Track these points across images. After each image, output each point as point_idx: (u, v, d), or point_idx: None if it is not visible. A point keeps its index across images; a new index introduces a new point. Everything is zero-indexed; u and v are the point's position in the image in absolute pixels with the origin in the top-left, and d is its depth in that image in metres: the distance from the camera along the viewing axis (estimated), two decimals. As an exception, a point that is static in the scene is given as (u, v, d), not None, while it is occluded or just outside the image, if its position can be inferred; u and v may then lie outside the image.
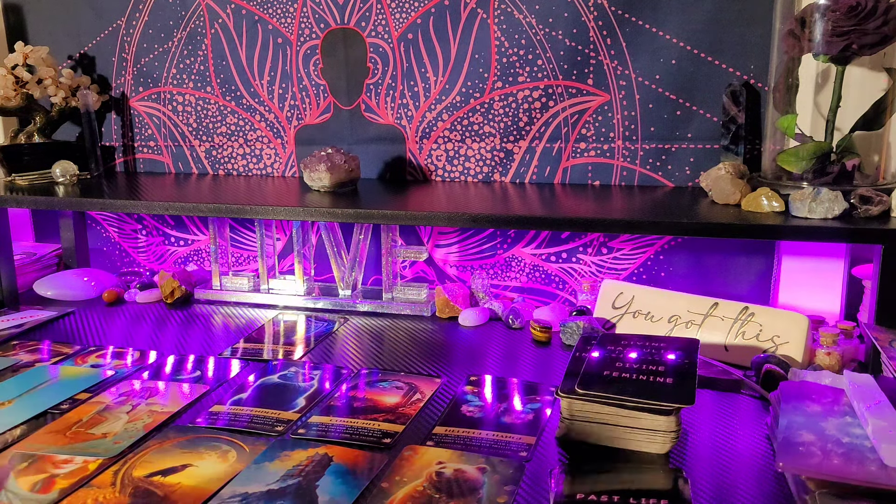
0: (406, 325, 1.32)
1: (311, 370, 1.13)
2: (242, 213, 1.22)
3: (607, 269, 1.35)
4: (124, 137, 1.62)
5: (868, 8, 0.99)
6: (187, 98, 1.54)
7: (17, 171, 1.52)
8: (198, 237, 1.63)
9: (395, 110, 1.40)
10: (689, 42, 1.21)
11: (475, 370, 1.12)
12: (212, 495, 0.79)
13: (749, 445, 0.88)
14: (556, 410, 0.94)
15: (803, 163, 1.07)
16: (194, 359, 1.18)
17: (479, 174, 1.39)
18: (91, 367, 1.15)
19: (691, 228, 1.04)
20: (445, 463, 0.84)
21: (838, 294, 1.22)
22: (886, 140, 1.09)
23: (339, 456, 0.87)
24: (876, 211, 0.98)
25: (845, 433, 0.77)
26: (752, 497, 0.77)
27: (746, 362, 1.08)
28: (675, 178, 1.27)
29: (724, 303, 1.16)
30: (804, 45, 1.05)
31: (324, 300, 1.42)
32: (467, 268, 1.44)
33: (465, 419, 0.95)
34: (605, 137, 1.29)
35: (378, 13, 1.37)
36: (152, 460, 0.86)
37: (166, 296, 1.47)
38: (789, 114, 1.10)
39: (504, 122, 1.34)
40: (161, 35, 1.52)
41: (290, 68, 1.45)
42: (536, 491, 0.79)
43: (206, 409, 1.00)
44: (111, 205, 1.34)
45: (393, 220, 1.19)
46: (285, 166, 1.52)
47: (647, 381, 0.85)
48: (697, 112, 1.24)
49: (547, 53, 1.28)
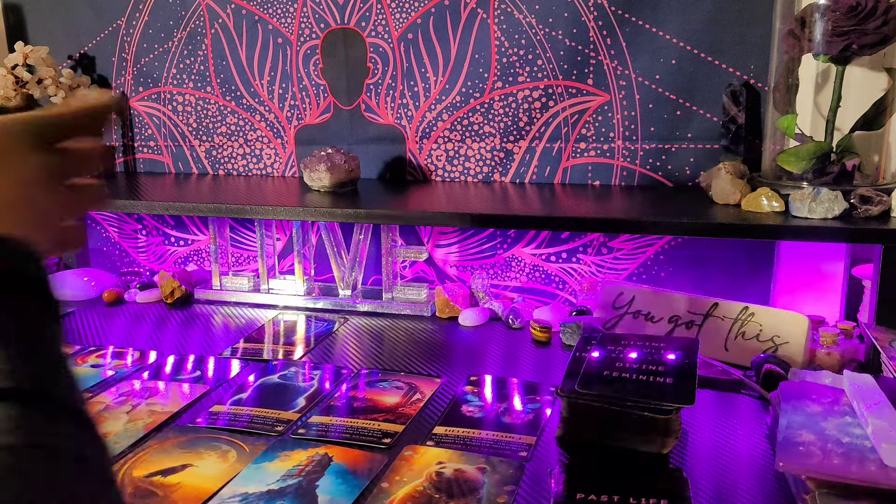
0: (406, 325, 1.32)
1: (311, 370, 1.13)
2: (242, 213, 1.22)
3: (607, 269, 1.35)
4: (124, 137, 1.62)
5: (868, 8, 0.98)
6: (187, 98, 1.54)
7: (17, 171, 1.52)
8: (198, 237, 1.63)
9: (395, 110, 1.40)
10: (689, 42, 1.21)
11: (475, 370, 1.12)
12: (212, 495, 0.79)
13: (749, 445, 0.88)
14: (556, 410, 0.94)
15: (803, 163, 1.07)
16: (194, 359, 1.18)
17: (479, 174, 1.39)
18: (91, 367, 1.15)
19: (691, 228, 1.04)
20: (445, 463, 0.84)
21: (838, 294, 1.23)
22: (886, 140, 1.09)
23: (339, 456, 0.87)
24: (876, 211, 0.98)
25: (845, 433, 0.77)
26: (752, 497, 0.77)
27: (746, 362, 1.08)
28: (675, 178, 1.27)
29: (724, 303, 1.16)
30: (804, 45, 1.05)
31: (324, 300, 1.42)
32: (467, 268, 1.44)
33: (465, 419, 0.96)
34: (605, 137, 1.29)
35: (378, 13, 1.37)
36: (152, 460, 0.87)
37: (166, 296, 1.47)
38: (789, 114, 1.10)
39: (504, 122, 1.34)
40: (161, 35, 1.52)
41: (290, 68, 1.45)
42: (536, 491, 0.79)
43: (206, 409, 1.00)
44: (111, 205, 1.34)
45: (393, 220, 1.19)
46: (285, 166, 1.52)
47: (647, 381, 0.85)
48: (697, 112, 1.23)
49: (547, 53, 1.28)
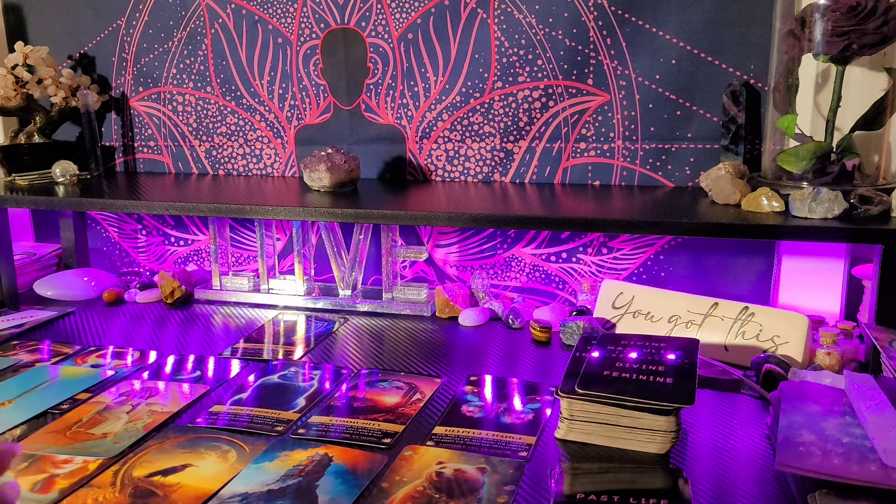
0: (406, 325, 1.32)
1: (311, 370, 1.13)
2: (242, 213, 1.22)
3: (607, 269, 1.35)
4: (124, 137, 1.62)
5: (868, 8, 0.99)
6: (187, 98, 1.54)
7: (17, 171, 1.52)
8: (198, 237, 1.63)
9: (395, 110, 1.40)
10: (689, 42, 1.21)
11: (475, 370, 1.12)
12: (212, 495, 0.79)
13: (749, 445, 0.88)
14: (556, 410, 0.94)
15: (803, 163, 1.07)
16: (194, 359, 1.18)
17: (479, 174, 1.39)
18: (91, 367, 1.15)
19: (691, 228, 1.04)
20: (445, 463, 0.84)
21: (838, 294, 1.22)
22: (886, 140, 1.09)
23: (339, 456, 0.87)
24: (876, 211, 0.98)
25: (845, 433, 0.77)
26: (752, 497, 0.77)
27: (746, 362, 1.08)
28: (675, 178, 1.27)
29: (724, 303, 1.16)
30: (804, 45, 1.05)
31: (324, 300, 1.42)
32: (467, 268, 1.44)
33: (465, 419, 0.95)
34: (605, 137, 1.29)
35: (378, 13, 1.37)
36: (152, 460, 0.87)
37: (166, 296, 1.47)
38: (789, 114, 1.10)
39: (504, 122, 1.34)
40: (161, 35, 1.52)
41: (290, 68, 1.45)
42: (536, 491, 0.79)
43: (206, 409, 1.00)
44: (111, 205, 1.34)
45: (393, 220, 1.18)
46: (285, 166, 1.52)
47: (647, 381, 0.85)
48: (697, 112, 1.24)
49: (547, 53, 1.28)
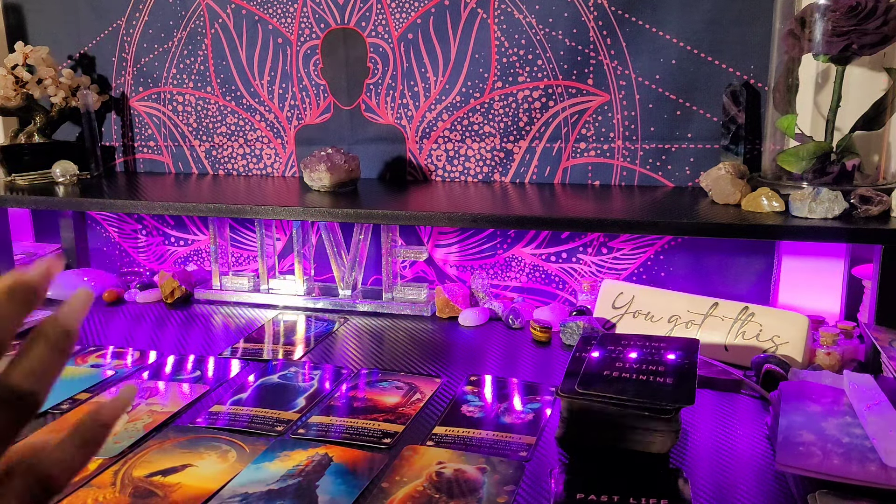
0: (406, 325, 1.32)
1: (311, 370, 1.13)
2: (242, 213, 1.22)
3: (607, 269, 1.35)
4: (124, 137, 1.62)
5: (868, 8, 0.99)
6: (187, 98, 1.54)
7: (17, 171, 1.52)
8: (198, 237, 1.63)
9: (395, 110, 1.40)
10: (689, 42, 1.21)
11: (475, 370, 1.12)
12: (212, 495, 0.79)
13: (749, 445, 0.88)
14: (556, 410, 0.94)
15: (803, 163, 1.07)
16: (194, 359, 1.18)
17: (479, 174, 1.39)
18: (91, 367, 1.15)
19: (691, 228, 1.04)
20: (445, 463, 0.84)
21: (838, 294, 1.22)
22: (886, 140, 1.09)
23: (339, 456, 0.87)
24: (876, 211, 0.98)
25: (845, 433, 0.77)
26: (752, 497, 0.77)
27: (746, 362, 1.08)
28: (675, 178, 1.27)
29: (724, 303, 1.16)
30: (804, 45, 1.05)
31: (324, 300, 1.42)
32: (467, 268, 1.44)
33: (465, 419, 0.95)
34: (605, 137, 1.29)
35: (378, 13, 1.37)
36: (152, 460, 0.87)
37: (166, 296, 1.47)
38: (789, 114, 1.10)
39: (504, 122, 1.34)
40: (161, 35, 1.52)
41: (290, 68, 1.45)
42: (536, 491, 0.79)
43: (206, 409, 1.00)
44: (111, 205, 1.34)
45: (393, 220, 1.19)
46: (285, 166, 1.52)
47: (647, 381, 0.85)
48: (697, 112, 1.24)
49: (547, 53, 1.28)
